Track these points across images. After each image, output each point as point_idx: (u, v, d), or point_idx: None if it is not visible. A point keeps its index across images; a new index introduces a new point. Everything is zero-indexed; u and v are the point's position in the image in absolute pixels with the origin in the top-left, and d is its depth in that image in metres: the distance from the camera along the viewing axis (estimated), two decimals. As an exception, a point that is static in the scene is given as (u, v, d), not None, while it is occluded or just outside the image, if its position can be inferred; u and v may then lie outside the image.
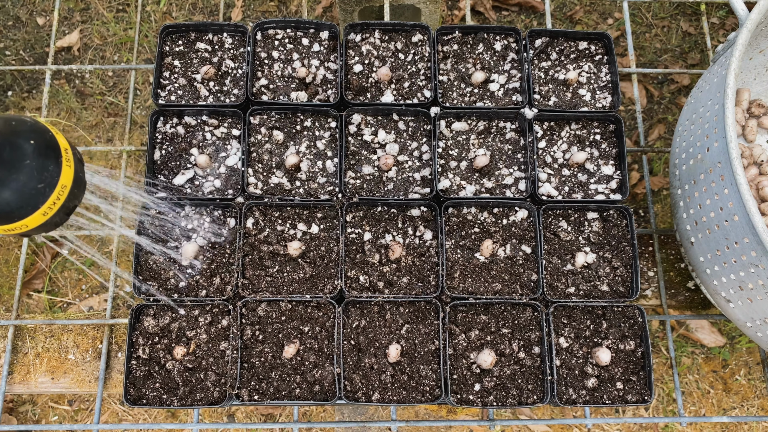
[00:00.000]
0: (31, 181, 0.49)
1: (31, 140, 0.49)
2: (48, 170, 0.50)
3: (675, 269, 0.91)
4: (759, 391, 1.44)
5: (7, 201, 0.48)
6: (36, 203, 0.49)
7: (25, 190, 0.49)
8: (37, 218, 0.50)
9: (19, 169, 0.48)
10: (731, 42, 0.74)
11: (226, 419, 1.42)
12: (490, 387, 0.75)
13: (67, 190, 0.51)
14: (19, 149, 0.48)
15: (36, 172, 0.49)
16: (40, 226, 0.52)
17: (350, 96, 0.84)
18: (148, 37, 1.65)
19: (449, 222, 0.80)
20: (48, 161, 0.50)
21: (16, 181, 0.48)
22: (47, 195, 0.50)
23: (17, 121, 0.51)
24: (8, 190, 0.48)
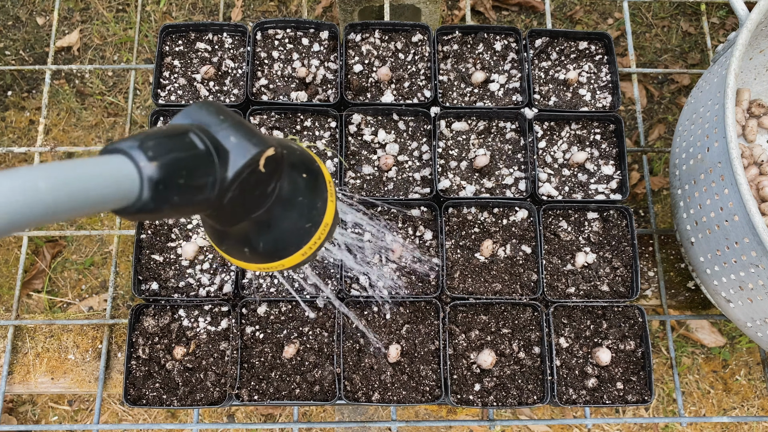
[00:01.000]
0: (301, 220, 0.43)
1: (303, 173, 0.44)
2: (316, 207, 0.44)
3: (675, 269, 0.91)
4: (759, 391, 1.44)
5: (274, 240, 0.43)
6: (300, 243, 0.44)
7: (293, 229, 0.43)
8: (296, 258, 0.45)
9: (293, 206, 0.43)
10: (731, 42, 0.74)
11: (226, 419, 1.42)
12: (490, 387, 0.75)
13: (328, 228, 0.46)
14: (294, 184, 0.43)
15: (306, 209, 0.44)
16: (294, 265, 0.46)
17: (350, 96, 0.84)
18: (148, 37, 1.65)
19: (449, 222, 0.80)
20: (317, 197, 0.44)
21: (287, 219, 0.43)
22: (312, 234, 0.44)
23: (288, 149, 0.44)
24: (278, 229, 0.43)
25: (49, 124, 1.59)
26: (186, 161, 0.34)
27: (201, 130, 0.36)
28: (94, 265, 1.52)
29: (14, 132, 1.60)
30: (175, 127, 0.35)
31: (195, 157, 0.34)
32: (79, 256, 1.52)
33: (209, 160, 0.35)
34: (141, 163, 0.31)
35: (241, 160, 0.36)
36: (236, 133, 0.37)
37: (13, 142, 1.58)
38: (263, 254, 0.44)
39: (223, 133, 0.36)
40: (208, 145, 0.35)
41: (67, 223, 1.52)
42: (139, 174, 0.31)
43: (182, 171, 0.33)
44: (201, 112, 0.37)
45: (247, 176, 0.37)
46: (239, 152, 0.36)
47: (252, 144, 0.37)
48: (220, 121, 0.37)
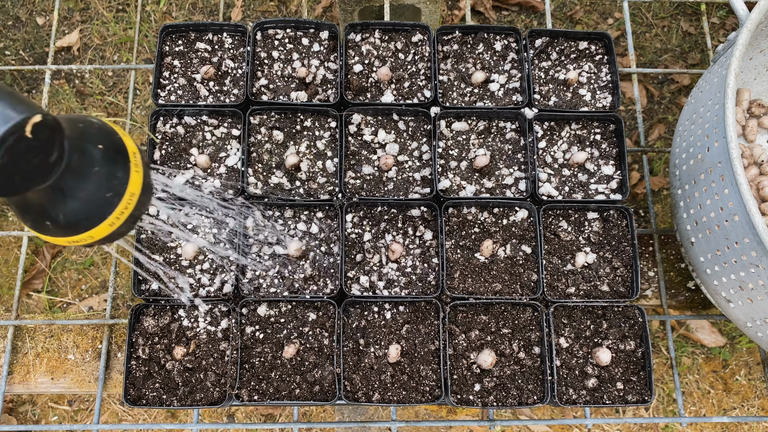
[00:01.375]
0: (99, 190, 0.44)
1: (99, 144, 0.45)
2: (116, 177, 0.45)
3: (675, 269, 0.91)
4: (759, 391, 1.44)
5: (74, 211, 0.44)
6: (103, 213, 0.45)
7: (92, 199, 0.44)
8: (103, 229, 0.46)
9: (87, 176, 0.44)
10: (731, 42, 0.74)
11: (226, 419, 1.42)
12: (490, 387, 0.75)
13: (136, 198, 0.47)
14: (87, 155, 0.44)
15: (104, 179, 0.44)
16: (106, 237, 0.47)
17: (350, 96, 0.84)
18: (148, 37, 1.65)
19: (449, 222, 0.80)
20: (116, 168, 0.45)
21: (83, 190, 0.43)
22: (115, 204, 0.45)
23: (84, 122, 0.46)
24: (75, 199, 0.43)
25: (49, 124, 1.59)
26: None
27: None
28: (94, 265, 1.52)
29: (14, 132, 1.59)
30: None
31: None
32: (79, 256, 1.52)
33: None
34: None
35: (2, 126, 0.36)
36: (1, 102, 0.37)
37: (13, 142, 1.58)
38: (66, 226, 0.45)
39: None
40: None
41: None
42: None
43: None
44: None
45: (14, 143, 0.37)
46: (1, 119, 0.36)
47: (16, 111, 0.37)
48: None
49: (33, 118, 0.38)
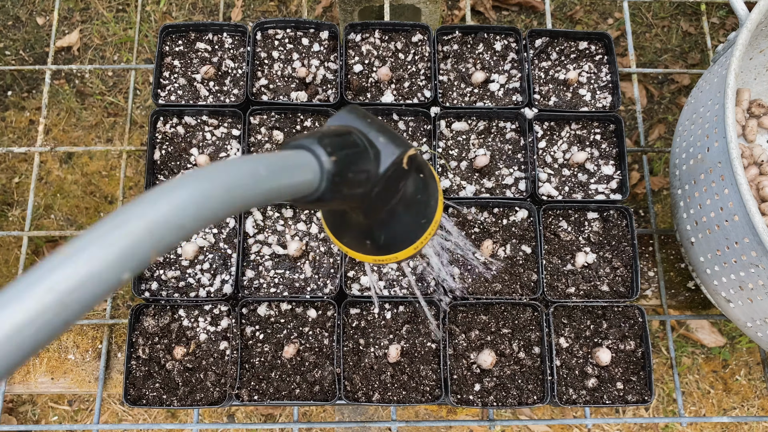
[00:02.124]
0: (418, 215, 0.47)
1: (421, 174, 0.47)
2: (430, 205, 0.48)
3: (675, 269, 0.91)
4: (759, 391, 1.44)
5: (394, 235, 0.47)
6: (414, 238, 0.48)
7: (410, 224, 0.47)
8: (408, 252, 0.48)
9: (412, 203, 0.46)
10: (731, 42, 0.74)
11: (226, 419, 1.42)
12: (490, 387, 0.75)
13: (436, 225, 0.49)
14: (416, 183, 0.46)
15: (423, 206, 0.47)
16: (404, 258, 0.50)
17: (350, 96, 0.84)
18: (148, 37, 1.65)
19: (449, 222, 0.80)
20: (432, 195, 0.48)
21: (407, 215, 0.46)
22: (425, 229, 0.48)
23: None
24: (398, 224, 0.46)
25: (49, 124, 1.59)
26: (354, 157, 0.38)
27: (356, 130, 0.41)
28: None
29: (14, 132, 1.60)
30: (338, 127, 0.41)
31: (359, 154, 0.39)
32: (79, 256, 1.52)
33: (368, 157, 0.40)
34: (322, 158, 0.36)
35: (389, 158, 0.41)
36: (383, 134, 0.42)
37: (13, 142, 1.58)
38: (382, 247, 0.48)
39: (372, 134, 0.42)
40: (365, 145, 0.40)
41: (67, 223, 1.52)
42: (320, 167, 0.36)
43: (352, 165, 0.38)
44: (350, 116, 0.43)
45: (392, 173, 0.41)
46: (388, 151, 0.41)
47: (397, 144, 0.42)
48: (368, 124, 0.42)
49: (409, 151, 0.42)
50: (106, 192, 1.56)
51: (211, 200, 0.28)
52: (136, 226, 0.25)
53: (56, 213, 1.53)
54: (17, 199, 1.55)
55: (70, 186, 1.55)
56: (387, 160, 0.41)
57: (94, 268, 0.24)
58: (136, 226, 0.25)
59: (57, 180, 1.55)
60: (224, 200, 0.29)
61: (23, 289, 0.22)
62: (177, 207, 0.27)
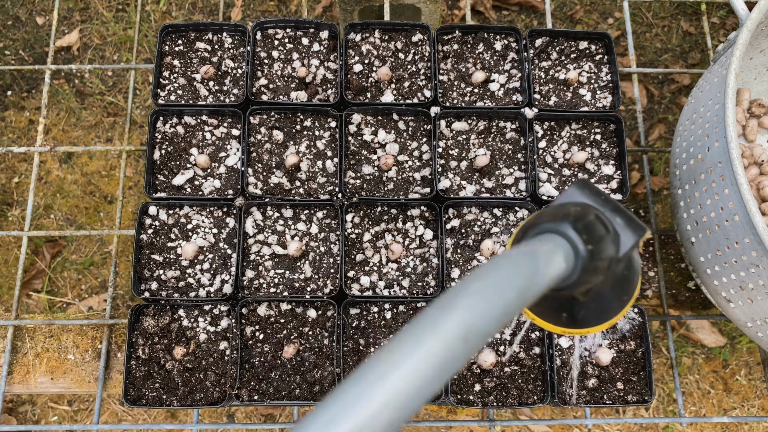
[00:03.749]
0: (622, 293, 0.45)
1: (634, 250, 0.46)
2: (633, 281, 0.46)
3: (675, 269, 0.91)
4: (759, 391, 1.44)
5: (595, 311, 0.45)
6: (612, 314, 0.46)
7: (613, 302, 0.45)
8: (600, 327, 0.46)
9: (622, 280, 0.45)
10: (732, 42, 0.74)
11: (226, 419, 1.42)
12: (490, 387, 0.75)
13: (634, 300, 0.47)
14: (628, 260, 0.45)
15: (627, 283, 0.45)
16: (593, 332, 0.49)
17: (350, 96, 0.84)
18: (148, 36, 1.65)
19: (449, 222, 0.80)
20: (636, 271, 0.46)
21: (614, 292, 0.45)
22: (623, 306, 0.46)
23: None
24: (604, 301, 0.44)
25: (48, 124, 1.59)
26: (604, 244, 0.38)
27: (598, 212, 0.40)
28: (94, 265, 1.52)
29: (14, 132, 1.60)
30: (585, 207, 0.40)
31: (606, 239, 0.39)
32: (79, 256, 1.52)
33: (613, 243, 0.39)
34: (579, 246, 0.36)
35: (629, 242, 0.41)
36: (620, 215, 0.42)
37: (12, 141, 1.58)
38: (578, 322, 0.46)
39: (609, 214, 0.41)
40: (610, 229, 0.40)
41: (67, 222, 1.52)
42: (576, 256, 0.35)
43: (602, 253, 0.37)
44: (585, 193, 0.43)
45: (628, 255, 0.41)
46: (627, 234, 0.41)
47: (634, 228, 0.41)
48: (603, 203, 0.42)
49: (645, 234, 0.42)
50: (105, 192, 1.56)
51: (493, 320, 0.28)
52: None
53: (56, 213, 1.53)
54: (17, 199, 1.55)
55: (69, 186, 1.55)
56: (626, 245, 0.40)
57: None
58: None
59: (57, 180, 1.55)
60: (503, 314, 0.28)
61: None
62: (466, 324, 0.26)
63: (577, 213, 0.38)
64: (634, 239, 0.41)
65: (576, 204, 0.41)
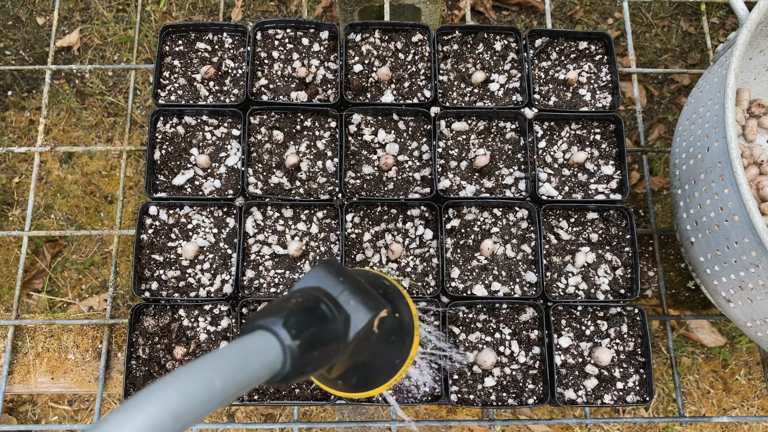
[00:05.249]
0: (392, 358, 0.46)
1: (396, 313, 0.46)
2: (405, 344, 0.47)
3: (675, 269, 0.91)
4: (759, 391, 1.44)
5: (366, 376, 0.46)
6: (387, 377, 0.47)
7: (384, 366, 0.46)
8: (382, 388, 0.48)
9: (386, 347, 0.45)
10: (731, 42, 0.74)
11: (226, 419, 1.42)
12: (490, 387, 0.75)
13: (411, 361, 0.48)
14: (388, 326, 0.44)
15: (397, 348, 0.46)
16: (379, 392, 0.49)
17: (350, 96, 0.84)
18: (148, 37, 1.65)
19: (449, 222, 0.80)
20: (407, 335, 0.47)
21: (379, 358, 0.45)
22: (399, 368, 0.47)
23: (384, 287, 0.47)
24: (371, 367, 0.45)
25: (49, 124, 1.59)
26: (320, 334, 0.38)
27: (327, 296, 0.40)
28: (94, 265, 1.52)
29: (14, 132, 1.60)
30: (308, 296, 0.40)
31: (327, 328, 0.38)
32: (79, 256, 1.52)
33: (337, 329, 0.39)
34: (286, 342, 0.35)
35: (360, 323, 0.40)
36: (355, 296, 0.41)
37: (13, 141, 1.58)
38: (354, 386, 0.47)
39: (343, 297, 0.41)
40: (335, 314, 0.39)
41: (67, 222, 1.52)
42: (284, 351, 0.35)
43: (317, 343, 0.37)
44: (323, 275, 0.42)
45: (363, 335, 0.41)
46: (359, 316, 0.40)
47: (369, 308, 0.41)
48: (340, 284, 0.41)
49: (381, 313, 0.41)
50: (106, 192, 1.56)
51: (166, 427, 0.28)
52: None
53: (56, 213, 1.53)
54: (17, 199, 1.55)
55: (70, 186, 1.55)
56: (357, 326, 0.40)
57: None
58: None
59: (57, 180, 1.55)
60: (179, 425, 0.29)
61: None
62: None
63: (294, 304, 0.38)
64: (366, 320, 0.40)
65: (302, 292, 0.40)
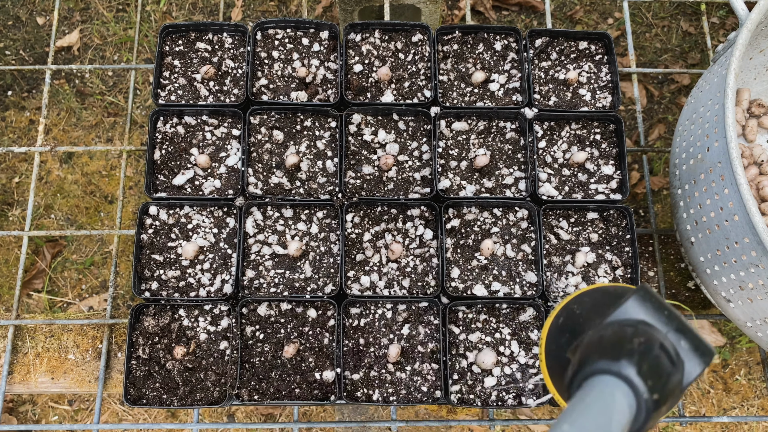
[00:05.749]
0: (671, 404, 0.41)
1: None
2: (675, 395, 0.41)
3: (675, 269, 0.91)
4: (759, 391, 1.44)
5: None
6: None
7: None
8: None
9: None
10: (731, 42, 0.74)
11: (226, 419, 1.42)
12: (490, 387, 0.75)
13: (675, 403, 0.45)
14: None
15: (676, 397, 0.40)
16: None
17: (350, 96, 0.84)
18: (148, 36, 1.65)
19: (449, 222, 0.80)
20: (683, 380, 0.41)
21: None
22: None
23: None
24: None
25: (49, 124, 1.59)
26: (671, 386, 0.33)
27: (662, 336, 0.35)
28: (94, 265, 1.52)
29: (14, 132, 1.60)
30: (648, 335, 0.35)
31: (673, 377, 0.34)
32: (79, 256, 1.52)
33: (679, 377, 0.35)
34: (644, 396, 0.31)
35: (694, 372, 0.36)
36: (686, 338, 0.37)
37: (13, 141, 1.58)
38: None
39: (674, 336, 0.36)
40: (675, 361, 0.35)
41: (67, 222, 1.52)
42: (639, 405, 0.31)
43: (668, 396, 0.33)
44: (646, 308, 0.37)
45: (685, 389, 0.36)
46: (693, 363, 0.36)
47: (701, 352, 0.36)
48: (667, 320, 0.37)
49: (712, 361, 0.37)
50: (106, 192, 1.56)
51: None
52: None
53: (56, 213, 1.53)
54: (17, 199, 1.55)
55: (70, 186, 1.55)
56: (691, 375, 0.35)
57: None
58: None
59: (57, 180, 1.55)
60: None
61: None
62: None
63: (641, 347, 0.33)
64: (701, 368, 0.35)
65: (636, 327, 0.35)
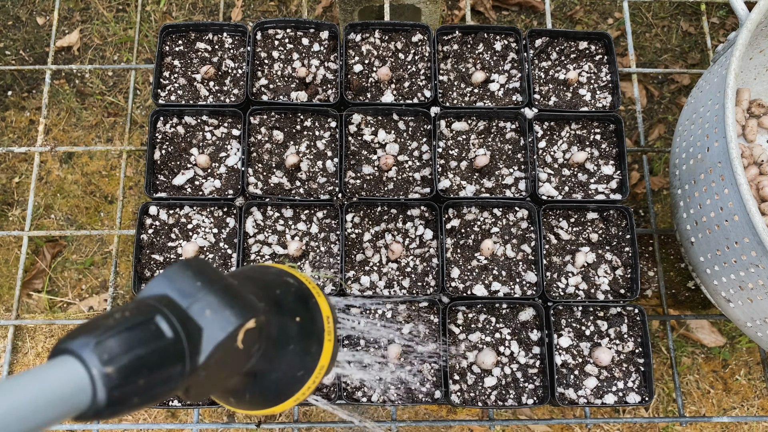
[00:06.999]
0: (291, 369, 0.39)
1: (297, 317, 0.39)
2: (310, 353, 0.39)
3: (675, 269, 0.91)
4: (759, 391, 1.44)
5: (261, 392, 0.39)
6: (290, 392, 0.40)
7: (283, 379, 0.39)
8: (287, 405, 0.40)
9: (281, 358, 0.38)
10: (731, 42, 0.74)
11: (226, 419, 1.42)
12: (490, 387, 0.75)
13: (324, 371, 0.40)
14: (283, 333, 0.38)
15: (298, 358, 0.39)
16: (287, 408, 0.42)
17: (350, 96, 0.84)
18: (148, 37, 1.65)
19: (449, 222, 0.80)
20: (311, 341, 0.40)
21: (276, 371, 0.38)
22: (304, 381, 0.39)
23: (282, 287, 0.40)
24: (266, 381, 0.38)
25: (49, 124, 1.59)
26: (148, 358, 0.30)
27: (171, 306, 0.32)
28: (94, 265, 1.52)
29: (14, 132, 1.60)
30: (141, 308, 0.31)
31: (160, 350, 0.30)
32: (80, 255, 1.52)
33: (177, 349, 0.31)
34: (93, 370, 0.28)
35: (213, 341, 0.32)
36: (213, 304, 0.33)
37: (13, 142, 1.58)
38: (250, 404, 0.40)
39: (197, 306, 0.32)
40: (178, 330, 0.31)
41: (67, 222, 1.52)
42: (92, 381, 0.28)
43: (143, 370, 0.29)
44: (178, 278, 0.33)
45: (222, 354, 0.32)
46: (213, 330, 0.32)
47: (229, 318, 0.32)
48: (197, 290, 0.33)
49: (247, 323, 0.33)
50: (106, 192, 1.56)
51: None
52: None
53: (56, 213, 1.53)
54: (17, 199, 1.55)
55: (70, 186, 1.55)
56: (210, 344, 0.32)
57: None
58: None
59: (57, 180, 1.55)
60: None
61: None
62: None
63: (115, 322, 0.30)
64: (225, 333, 0.32)
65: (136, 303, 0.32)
